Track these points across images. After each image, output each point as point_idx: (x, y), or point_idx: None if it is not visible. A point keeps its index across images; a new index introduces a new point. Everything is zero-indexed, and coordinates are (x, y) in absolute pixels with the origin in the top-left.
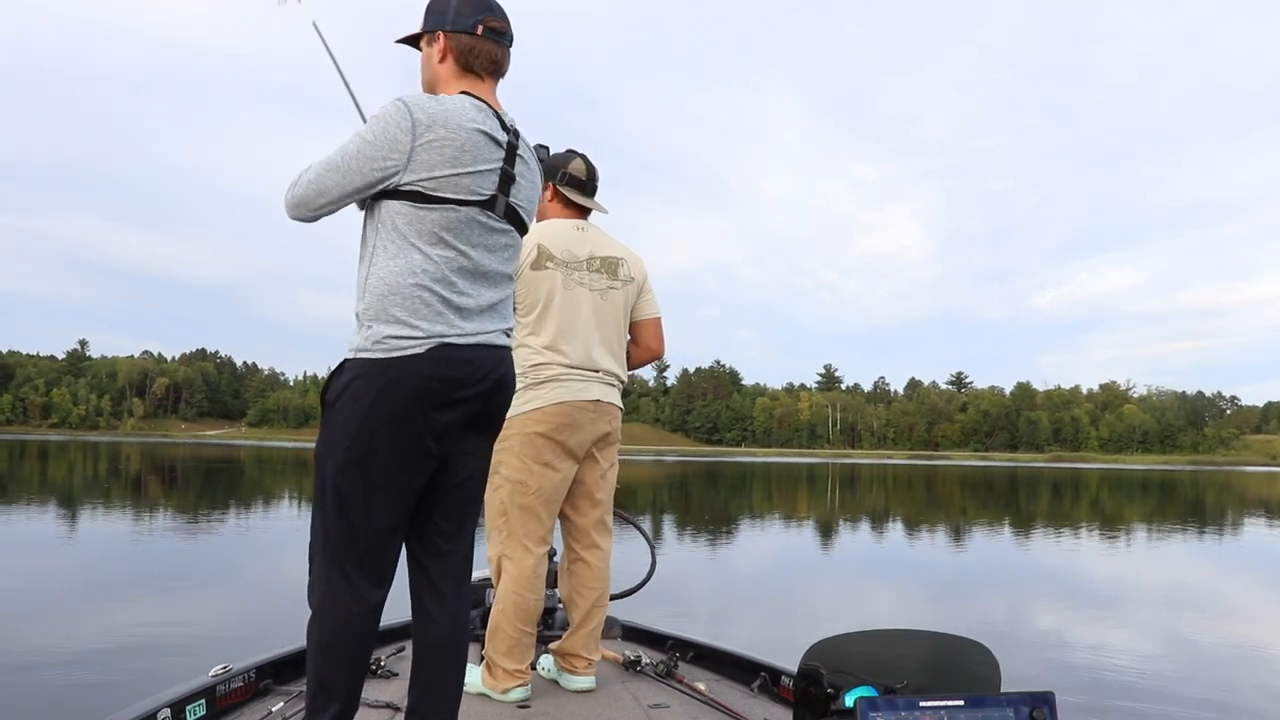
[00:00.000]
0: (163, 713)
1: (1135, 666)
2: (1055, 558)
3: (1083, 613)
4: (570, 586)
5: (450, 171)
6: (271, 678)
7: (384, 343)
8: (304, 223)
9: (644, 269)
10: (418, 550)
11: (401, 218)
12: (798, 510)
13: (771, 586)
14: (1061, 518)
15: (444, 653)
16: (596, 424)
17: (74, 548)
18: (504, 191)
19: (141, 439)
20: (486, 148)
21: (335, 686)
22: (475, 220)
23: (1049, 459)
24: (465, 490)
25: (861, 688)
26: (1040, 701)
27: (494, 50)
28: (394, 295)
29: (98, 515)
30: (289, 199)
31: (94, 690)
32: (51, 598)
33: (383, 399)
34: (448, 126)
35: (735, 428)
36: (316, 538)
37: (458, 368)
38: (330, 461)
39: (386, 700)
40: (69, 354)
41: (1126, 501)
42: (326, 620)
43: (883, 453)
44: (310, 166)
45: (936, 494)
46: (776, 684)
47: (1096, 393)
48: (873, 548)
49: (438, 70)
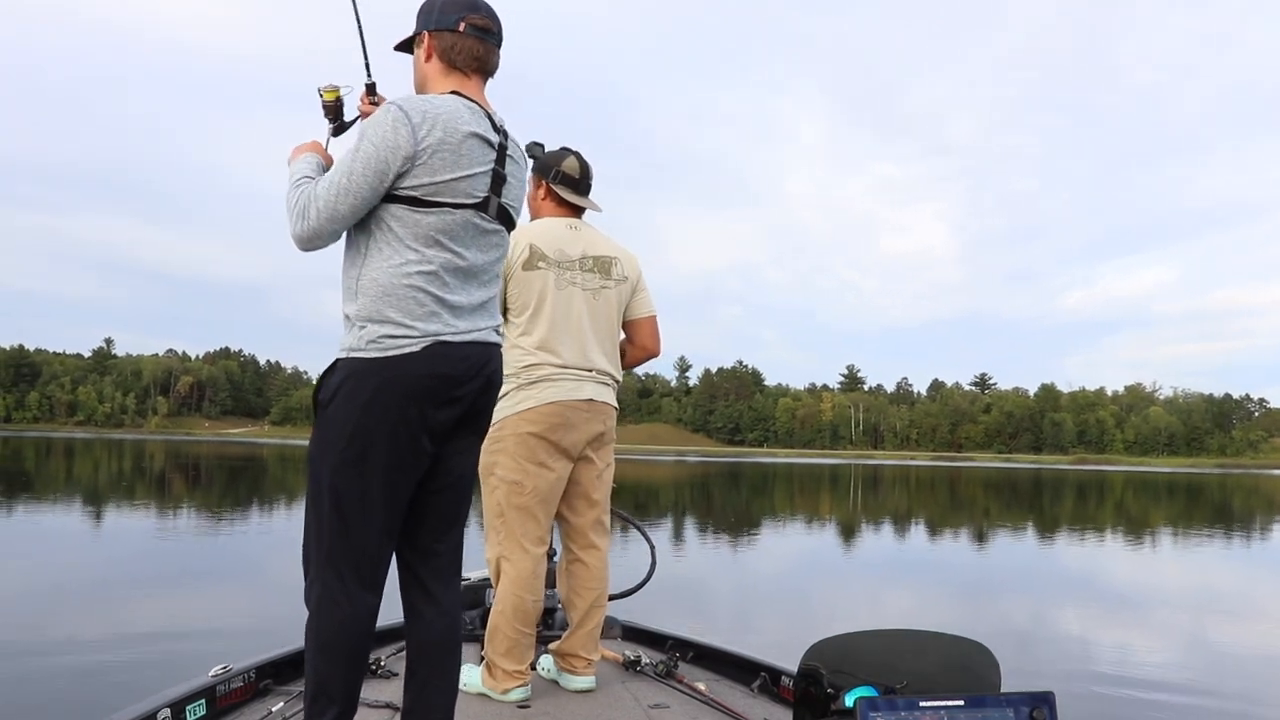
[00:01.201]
0: (163, 713)
1: (1158, 672)
2: (1078, 560)
3: (1104, 616)
4: (568, 587)
5: (449, 176)
6: (271, 678)
7: (379, 342)
8: (317, 250)
9: (638, 267)
10: (408, 551)
11: (397, 220)
12: (819, 511)
13: (790, 588)
14: (1085, 520)
15: (438, 652)
16: (590, 423)
17: (92, 545)
18: (496, 192)
19: (166, 437)
20: (480, 150)
21: (334, 687)
22: (470, 222)
23: (1073, 461)
24: (455, 490)
25: (861, 688)
26: (1040, 701)
27: (476, 47)
28: (389, 296)
29: (119, 513)
30: (302, 233)
31: (94, 691)
32: (64, 595)
33: (379, 398)
34: (446, 130)
35: (757, 428)
36: (311, 539)
37: (453, 365)
38: (325, 462)
39: (386, 700)
40: (95, 352)
41: (1152, 505)
42: (324, 621)
43: (906, 454)
44: (314, 195)
45: (960, 496)
46: (776, 684)
47: (1122, 394)
48: (894, 549)
49: (425, 70)
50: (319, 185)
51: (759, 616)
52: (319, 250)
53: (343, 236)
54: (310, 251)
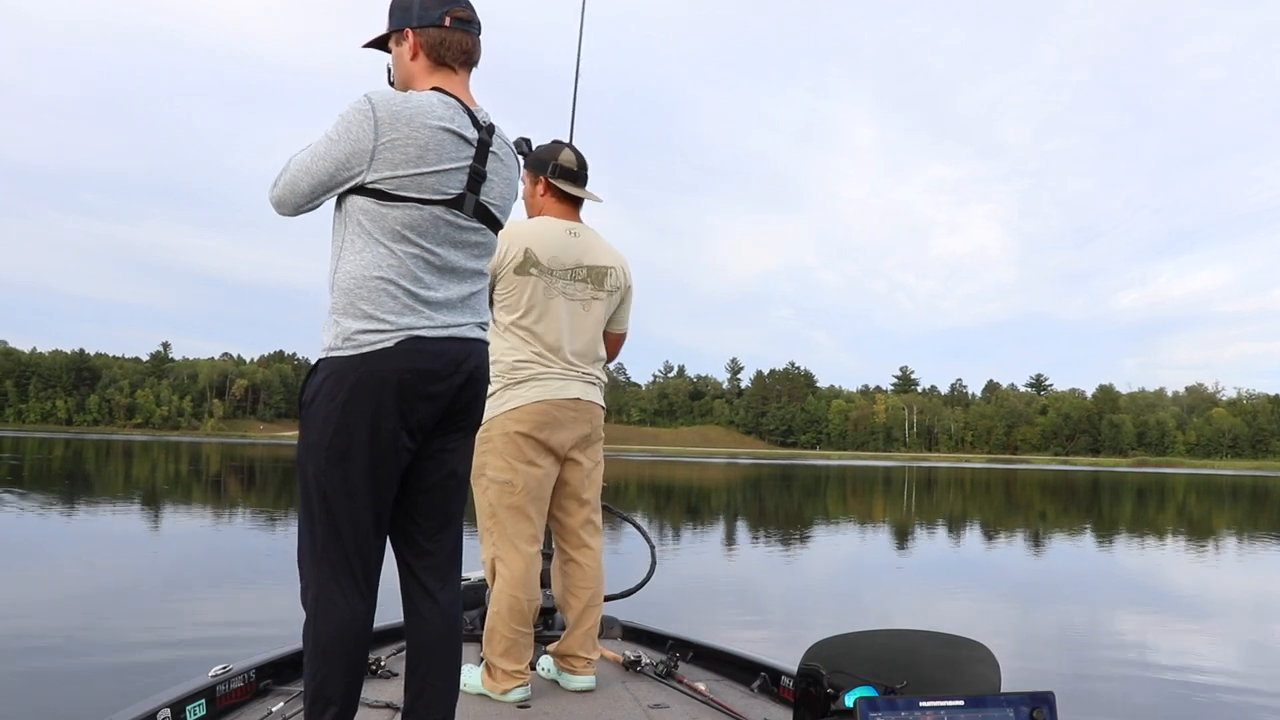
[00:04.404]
0: (163, 713)
1: (1224, 680)
2: (1137, 564)
3: (1166, 624)
4: (563, 587)
5: (413, 171)
6: (271, 678)
7: (353, 339)
8: (287, 217)
9: (630, 277)
10: (403, 550)
11: (365, 214)
12: (872, 515)
13: (840, 591)
14: (1144, 524)
15: (438, 652)
16: (577, 423)
17: (143, 545)
18: (473, 190)
19: (221, 439)
20: (453, 146)
21: (333, 687)
22: (440, 219)
23: (1133, 463)
24: (445, 488)
25: (861, 688)
26: (1040, 702)
27: (464, 40)
28: (359, 290)
29: (172, 514)
30: (271, 198)
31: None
32: (108, 594)
33: (356, 395)
34: (411, 125)
35: (810, 430)
36: (304, 541)
37: (430, 360)
38: (311, 464)
39: (386, 700)
40: (152, 356)
41: (1215, 508)
42: (321, 623)
43: (960, 456)
44: (288, 166)
45: (1015, 498)
46: (776, 684)
47: (1183, 395)
48: (948, 553)
49: (410, 68)
50: (294, 158)
51: (805, 619)
52: (288, 217)
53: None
54: (282, 216)
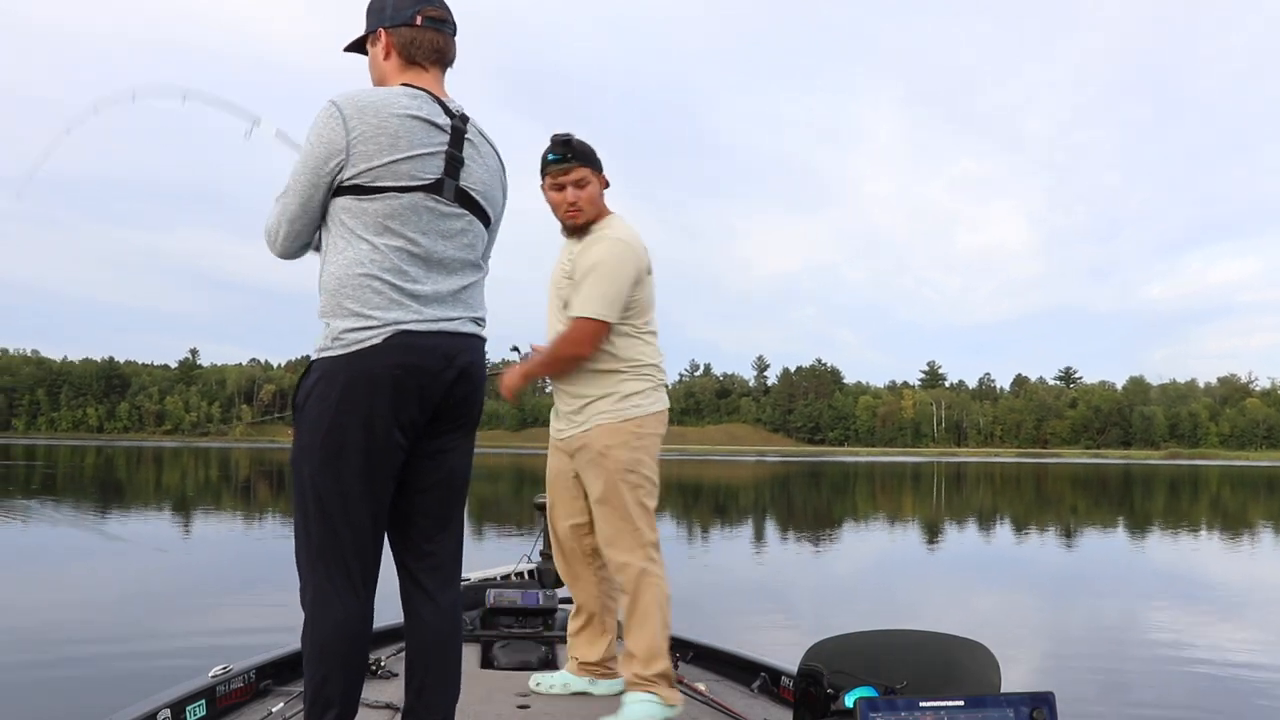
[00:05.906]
0: (163, 713)
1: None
2: (1171, 558)
3: (1204, 619)
4: (602, 592)
5: (387, 159)
6: (271, 678)
7: (342, 338)
8: (291, 258)
9: None
10: (403, 552)
11: (346, 212)
12: (901, 511)
13: (873, 586)
14: (1178, 517)
15: (437, 652)
16: None
17: (174, 549)
18: (452, 175)
19: (250, 444)
20: (423, 132)
21: (333, 688)
22: (421, 206)
23: (1165, 456)
24: (444, 487)
25: (861, 688)
26: (1040, 702)
27: (436, 38)
28: (344, 288)
29: (203, 519)
30: (276, 252)
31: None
32: (126, 597)
33: (347, 394)
34: (379, 115)
35: (838, 427)
36: (301, 543)
37: (421, 355)
38: (306, 465)
39: (386, 700)
40: (181, 363)
41: (1251, 500)
42: (319, 624)
43: (990, 450)
44: (276, 223)
45: (1046, 493)
46: (776, 684)
47: (1215, 386)
48: (978, 549)
49: (383, 68)
50: (273, 211)
51: (835, 613)
52: (294, 255)
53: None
54: (287, 257)
